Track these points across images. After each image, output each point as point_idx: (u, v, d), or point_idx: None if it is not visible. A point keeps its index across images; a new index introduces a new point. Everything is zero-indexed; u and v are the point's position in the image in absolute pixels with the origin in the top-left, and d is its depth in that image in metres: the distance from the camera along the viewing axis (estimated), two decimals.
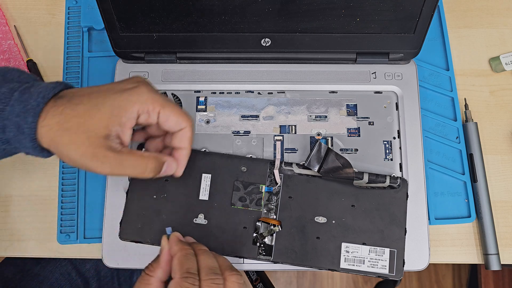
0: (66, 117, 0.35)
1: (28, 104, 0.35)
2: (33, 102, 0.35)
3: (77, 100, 0.36)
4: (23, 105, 0.35)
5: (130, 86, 0.37)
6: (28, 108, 0.35)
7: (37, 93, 0.36)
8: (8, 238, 0.51)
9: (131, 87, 0.37)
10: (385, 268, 0.46)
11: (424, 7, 0.45)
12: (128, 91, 0.37)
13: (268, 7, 0.45)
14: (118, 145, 0.37)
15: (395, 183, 0.47)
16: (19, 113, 0.35)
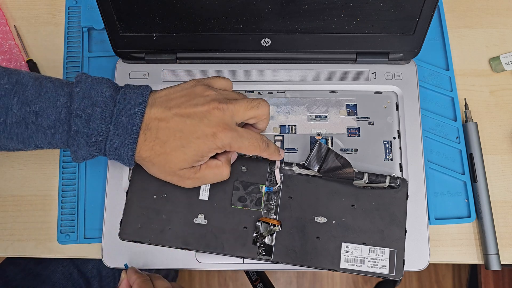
0: (156, 154, 0.41)
1: (125, 139, 0.40)
2: (129, 138, 0.40)
3: (164, 137, 0.41)
4: (121, 140, 0.40)
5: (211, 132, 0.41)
6: (126, 143, 0.40)
7: (130, 125, 0.40)
8: (8, 238, 0.51)
9: (212, 133, 0.41)
10: (385, 268, 0.46)
11: (424, 7, 0.45)
12: (210, 139, 0.41)
13: (268, 7, 0.45)
14: (199, 166, 0.43)
15: (395, 183, 0.48)
16: (119, 147, 0.41)
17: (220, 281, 1.19)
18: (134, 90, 0.41)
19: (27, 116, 0.39)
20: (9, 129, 0.39)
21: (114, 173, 0.49)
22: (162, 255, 0.48)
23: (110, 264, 0.48)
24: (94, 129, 0.40)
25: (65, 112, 0.40)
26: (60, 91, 0.40)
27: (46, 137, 0.40)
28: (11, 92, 0.39)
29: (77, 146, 0.40)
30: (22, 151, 0.43)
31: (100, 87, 0.41)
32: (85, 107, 0.40)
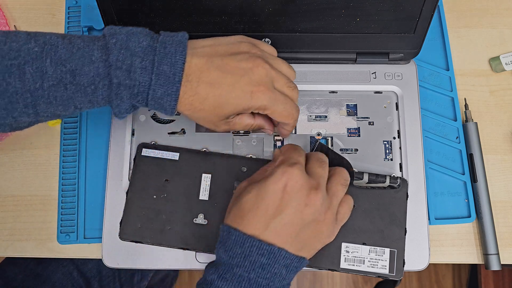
0: (195, 109, 0.41)
1: (168, 89, 0.39)
2: (172, 87, 0.39)
3: (203, 93, 0.40)
4: (164, 89, 0.39)
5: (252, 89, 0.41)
6: (169, 92, 0.39)
7: (172, 74, 0.39)
8: (8, 238, 0.51)
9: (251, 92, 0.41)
10: (385, 268, 0.46)
11: (424, 7, 0.45)
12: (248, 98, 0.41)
13: (268, 7, 0.45)
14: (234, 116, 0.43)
15: (395, 183, 0.47)
16: (162, 96, 0.39)
17: None
18: (173, 38, 0.40)
19: (64, 77, 0.38)
20: (47, 93, 0.38)
21: (114, 173, 0.49)
22: (162, 255, 0.48)
23: (110, 264, 0.48)
24: (136, 80, 0.39)
25: (103, 66, 0.38)
26: (91, 46, 0.39)
27: (87, 95, 0.39)
28: (41, 54, 0.38)
29: (120, 100, 0.39)
30: (59, 117, 0.41)
31: (137, 37, 0.39)
32: (124, 58, 0.38)
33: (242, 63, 0.41)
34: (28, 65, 0.37)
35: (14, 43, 0.38)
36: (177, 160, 0.49)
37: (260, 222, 0.39)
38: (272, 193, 0.39)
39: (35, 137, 0.53)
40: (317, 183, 0.41)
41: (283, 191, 0.39)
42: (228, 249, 0.39)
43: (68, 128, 0.53)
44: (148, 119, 0.51)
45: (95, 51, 0.38)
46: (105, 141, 0.52)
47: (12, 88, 0.37)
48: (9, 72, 0.37)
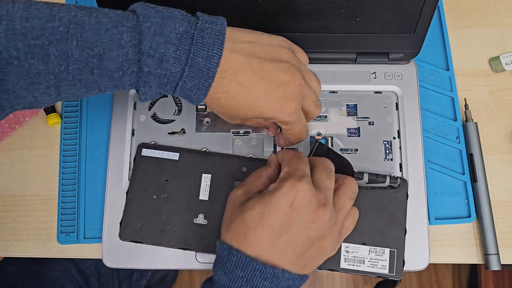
0: (220, 105, 0.39)
1: (199, 83, 0.37)
2: (203, 82, 0.37)
3: (233, 93, 0.38)
4: (195, 82, 0.37)
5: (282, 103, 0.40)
6: (200, 86, 0.37)
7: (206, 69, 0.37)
8: (8, 238, 0.51)
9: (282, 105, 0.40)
10: (385, 268, 0.46)
11: (424, 7, 0.45)
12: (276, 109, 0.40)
13: (268, 7, 0.45)
14: None
15: (395, 183, 0.47)
16: (191, 88, 0.38)
17: None
18: (212, 26, 0.37)
19: (91, 61, 0.35)
20: (72, 76, 0.35)
21: (114, 173, 0.49)
22: (162, 255, 0.48)
23: (110, 264, 0.48)
24: (167, 70, 0.36)
25: (133, 52, 0.36)
26: (120, 27, 0.35)
27: (113, 80, 0.37)
28: (67, 35, 0.34)
29: (149, 87, 0.37)
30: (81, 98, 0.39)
31: (173, 22, 0.36)
32: (158, 46, 0.36)
33: (280, 73, 0.39)
34: (52, 46, 0.34)
35: (37, 20, 0.34)
36: (177, 160, 0.49)
37: (264, 241, 0.37)
38: (278, 210, 0.37)
39: (35, 137, 0.53)
40: (325, 197, 0.38)
41: (290, 208, 0.37)
42: (228, 271, 0.37)
43: (68, 128, 0.53)
44: (148, 119, 0.51)
45: (124, 33, 0.35)
46: (105, 141, 0.52)
47: (34, 70, 0.34)
48: (31, 53, 0.34)
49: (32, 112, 0.53)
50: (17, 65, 0.34)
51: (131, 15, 0.36)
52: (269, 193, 0.38)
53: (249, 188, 0.41)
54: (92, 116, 0.53)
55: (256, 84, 0.38)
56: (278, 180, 0.39)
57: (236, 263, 0.36)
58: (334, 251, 0.41)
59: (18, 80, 0.34)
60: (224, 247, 0.38)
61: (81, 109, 0.53)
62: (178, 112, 0.51)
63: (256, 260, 0.36)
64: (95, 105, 0.53)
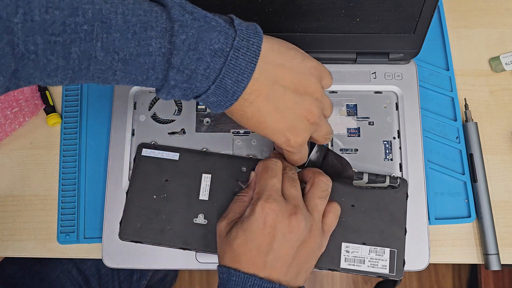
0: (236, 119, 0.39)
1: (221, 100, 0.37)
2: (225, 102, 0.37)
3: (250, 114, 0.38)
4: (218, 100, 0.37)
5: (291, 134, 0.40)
6: (221, 104, 0.37)
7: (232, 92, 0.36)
8: (8, 238, 0.51)
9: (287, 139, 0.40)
10: (385, 268, 0.46)
11: (424, 7, 0.45)
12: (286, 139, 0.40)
13: (268, 7, 0.45)
14: None
15: (395, 183, 0.47)
16: (213, 103, 0.37)
17: None
18: (248, 44, 0.36)
19: (115, 65, 0.33)
20: (92, 74, 0.34)
21: (114, 173, 0.49)
22: (162, 255, 0.48)
23: (110, 264, 0.48)
24: (193, 84, 0.36)
25: (160, 61, 0.34)
26: (149, 31, 0.33)
27: (136, 82, 0.36)
28: (91, 35, 0.31)
29: (172, 96, 0.37)
30: None
31: (209, 36, 0.34)
32: (190, 63, 0.34)
33: (298, 108, 0.39)
34: (74, 45, 0.31)
35: (57, 12, 0.30)
36: (177, 160, 0.49)
37: (256, 262, 0.39)
38: (257, 232, 0.39)
39: (35, 137, 0.53)
40: (294, 206, 0.41)
41: (266, 227, 0.39)
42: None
43: (68, 128, 0.53)
44: (148, 119, 0.51)
45: (153, 39, 0.33)
46: (105, 141, 0.52)
47: (53, 65, 0.32)
48: (51, 50, 0.31)
49: (32, 112, 0.53)
50: (34, 59, 0.31)
51: (160, 12, 0.34)
52: (246, 219, 0.40)
53: (231, 217, 0.43)
54: (92, 116, 0.53)
55: (272, 113, 0.38)
56: (251, 203, 0.42)
57: (236, 281, 0.39)
58: (322, 249, 0.44)
59: (34, 71, 0.32)
60: (223, 270, 0.40)
61: (81, 109, 0.53)
62: (178, 112, 0.51)
63: (254, 276, 0.39)
64: (95, 105, 0.53)
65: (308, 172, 0.45)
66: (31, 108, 0.53)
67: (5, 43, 0.29)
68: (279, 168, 0.43)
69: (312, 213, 0.42)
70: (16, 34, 0.29)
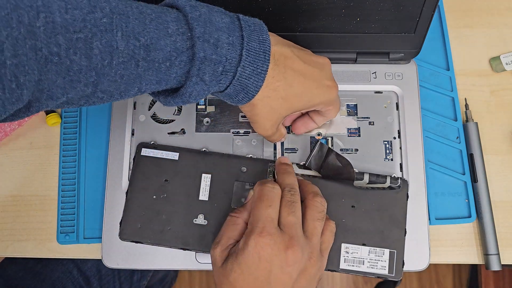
0: (276, 96, 0.39)
1: (257, 67, 0.37)
2: (262, 65, 0.37)
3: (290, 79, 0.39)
4: (253, 67, 0.36)
5: (329, 84, 0.42)
6: (259, 71, 0.37)
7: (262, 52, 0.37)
8: (8, 238, 0.51)
9: (328, 86, 0.42)
10: (384, 269, 0.46)
11: (425, 7, 0.45)
12: (327, 91, 0.42)
13: (268, 7, 0.45)
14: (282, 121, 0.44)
15: (396, 184, 0.47)
16: (250, 76, 0.37)
17: None
18: (252, 19, 0.38)
19: (137, 52, 0.33)
20: (115, 71, 0.33)
21: (113, 173, 0.49)
22: (162, 255, 0.48)
23: (110, 265, 0.48)
24: (223, 56, 0.35)
25: (181, 40, 0.34)
26: (164, 17, 0.34)
27: (159, 73, 0.35)
28: (111, 26, 0.32)
29: (201, 78, 0.35)
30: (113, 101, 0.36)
31: (218, 13, 0.36)
32: (211, 32, 0.35)
33: (315, 58, 0.42)
34: (96, 39, 0.31)
35: (77, 11, 0.31)
36: (176, 160, 0.48)
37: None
38: (253, 266, 0.38)
39: (35, 137, 0.53)
40: (290, 237, 0.39)
41: (261, 261, 0.38)
42: None
43: (68, 128, 0.53)
44: (148, 119, 0.51)
45: (170, 23, 0.34)
46: (105, 141, 0.52)
47: (76, 66, 0.31)
48: (74, 48, 0.31)
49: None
50: (57, 62, 0.30)
51: (173, 9, 0.36)
52: (240, 252, 0.39)
53: (225, 243, 0.41)
54: (91, 116, 0.53)
55: (305, 69, 0.40)
56: (245, 235, 0.39)
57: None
58: (322, 270, 0.42)
59: (56, 78, 0.31)
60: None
61: (80, 109, 0.53)
62: (178, 112, 0.51)
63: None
64: None
65: (303, 189, 0.43)
66: None
67: (29, 48, 0.29)
68: (276, 194, 0.41)
69: (311, 238, 0.40)
70: (39, 37, 0.29)
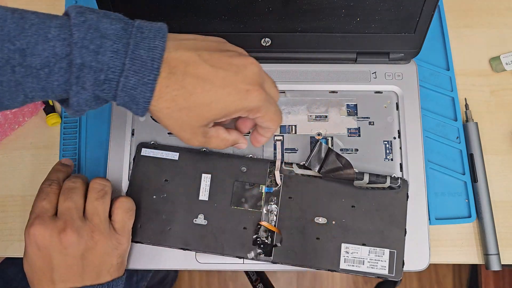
0: (177, 108, 0.35)
1: (143, 76, 0.33)
2: (148, 74, 0.33)
3: (190, 87, 0.35)
4: (139, 77, 0.33)
5: (247, 88, 0.36)
6: (145, 81, 0.33)
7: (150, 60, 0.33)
8: (8, 238, 0.51)
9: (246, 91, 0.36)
10: (384, 269, 0.46)
11: (425, 6, 0.45)
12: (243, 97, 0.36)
13: (268, 7, 0.45)
14: (211, 127, 0.39)
15: (396, 184, 0.47)
16: (135, 86, 0.34)
17: (220, 281, 1.19)
18: (151, 24, 0.35)
19: (12, 57, 0.31)
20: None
21: (114, 173, 0.49)
22: (162, 255, 0.48)
23: None
24: (104, 63, 0.33)
25: (61, 45, 0.32)
26: (48, 23, 0.32)
27: (39, 80, 0.33)
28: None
29: (82, 86, 0.33)
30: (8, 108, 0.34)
31: (109, 19, 0.33)
32: (93, 38, 0.32)
33: (234, 59, 0.36)
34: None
35: None
36: (176, 160, 0.48)
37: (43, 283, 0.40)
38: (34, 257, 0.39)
39: (35, 137, 0.53)
40: (64, 221, 0.40)
41: (40, 250, 0.39)
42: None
43: (68, 128, 0.53)
44: (148, 119, 0.51)
45: (52, 28, 0.32)
46: (105, 141, 0.52)
47: None
48: None
49: (31, 112, 0.53)
50: None
51: (63, 15, 0.34)
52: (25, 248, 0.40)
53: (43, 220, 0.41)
54: (91, 116, 0.53)
55: (213, 73, 0.35)
56: None
57: None
58: (124, 245, 0.43)
59: None
60: None
61: None
62: None
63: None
64: None
65: None
66: (31, 108, 0.53)
67: None
68: (53, 189, 0.42)
69: (92, 219, 0.41)
70: None
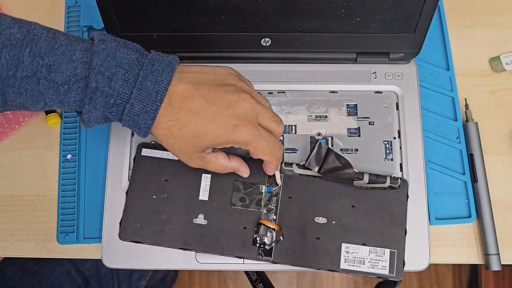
0: (172, 135, 0.39)
1: (147, 105, 0.38)
2: (151, 105, 0.38)
3: (184, 119, 0.39)
4: (143, 106, 0.38)
5: (235, 123, 0.39)
6: (148, 110, 0.38)
7: (155, 92, 0.38)
8: (7, 238, 0.51)
9: (234, 126, 0.39)
10: (385, 269, 0.46)
11: (425, 6, 0.45)
12: (230, 131, 0.39)
13: (268, 7, 0.45)
14: (210, 152, 0.43)
15: (396, 184, 0.47)
16: (139, 113, 0.38)
17: (220, 281, 1.19)
18: (163, 58, 0.40)
19: (40, 70, 0.37)
20: (19, 83, 0.37)
21: (114, 173, 0.49)
22: (162, 255, 0.48)
23: (110, 265, 0.48)
24: (115, 90, 0.38)
25: (82, 68, 0.37)
26: (75, 45, 0.38)
27: (59, 94, 0.38)
28: (22, 42, 0.36)
29: (93, 106, 0.38)
30: (29, 110, 0.40)
31: (126, 49, 0.39)
32: (109, 66, 0.37)
33: (228, 95, 0.39)
34: (5, 50, 0.36)
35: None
36: (177, 160, 0.48)
37: None
38: None
39: (35, 137, 0.53)
40: None
41: None
42: None
43: (68, 128, 0.53)
44: None
45: (78, 51, 0.38)
46: (105, 141, 0.52)
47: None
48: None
49: (31, 112, 0.53)
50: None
51: (89, 40, 0.39)
52: None
53: None
54: None
55: (204, 108, 0.39)
56: None
57: None
58: None
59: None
60: None
61: None
62: None
63: None
64: None
65: None
66: None
67: None
68: None
69: None
70: None
